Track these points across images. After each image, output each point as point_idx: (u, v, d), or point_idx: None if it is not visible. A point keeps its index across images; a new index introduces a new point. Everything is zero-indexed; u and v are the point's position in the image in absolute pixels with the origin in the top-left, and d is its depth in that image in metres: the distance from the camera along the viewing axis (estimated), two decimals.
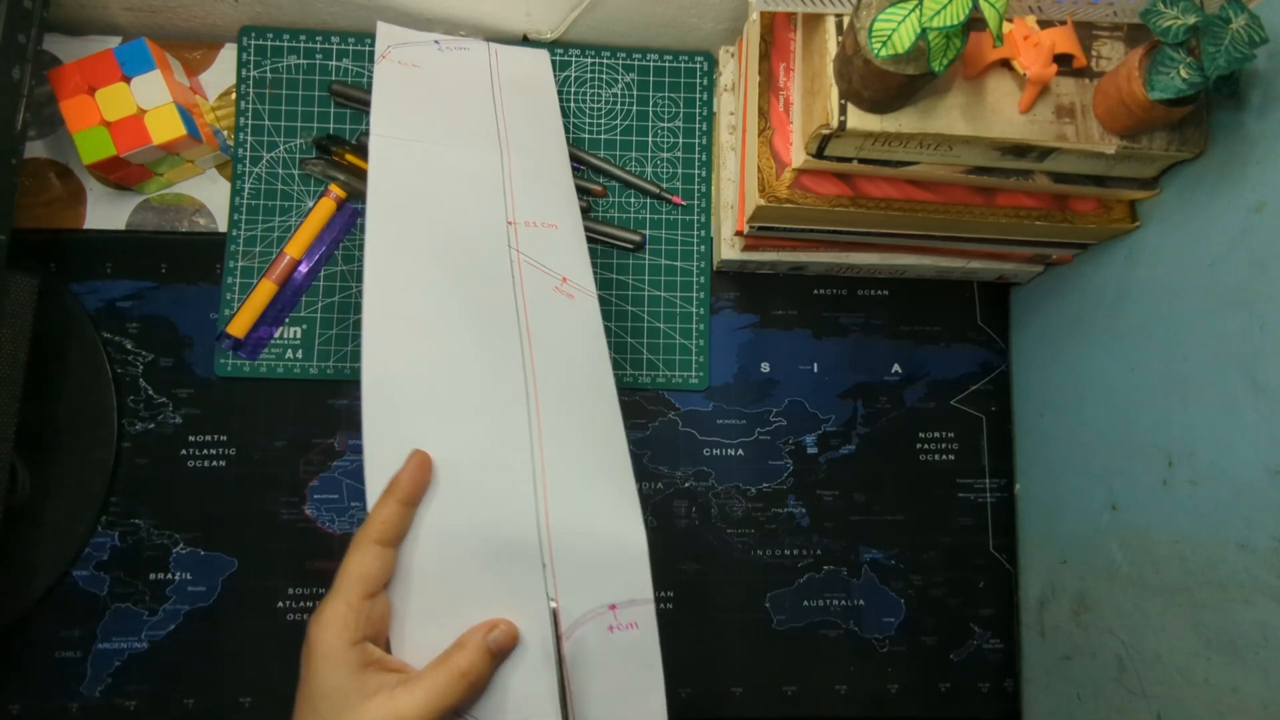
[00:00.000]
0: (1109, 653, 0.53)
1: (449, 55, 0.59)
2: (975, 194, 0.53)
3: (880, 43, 0.41)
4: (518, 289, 0.50)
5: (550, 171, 0.57)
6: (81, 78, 0.56)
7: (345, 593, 0.38)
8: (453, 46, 0.60)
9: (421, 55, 0.59)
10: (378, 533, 0.39)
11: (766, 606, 0.62)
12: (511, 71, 0.60)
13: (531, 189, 0.55)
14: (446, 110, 0.56)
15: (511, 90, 0.59)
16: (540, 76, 0.61)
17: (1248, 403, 0.43)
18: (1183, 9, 0.41)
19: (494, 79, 0.59)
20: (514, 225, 0.53)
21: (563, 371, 0.48)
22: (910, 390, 0.66)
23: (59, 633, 0.58)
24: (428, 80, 0.57)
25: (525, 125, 0.58)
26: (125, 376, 0.61)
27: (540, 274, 0.51)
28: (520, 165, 0.55)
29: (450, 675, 0.38)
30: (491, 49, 0.61)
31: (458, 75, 0.59)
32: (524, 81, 0.60)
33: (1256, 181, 0.44)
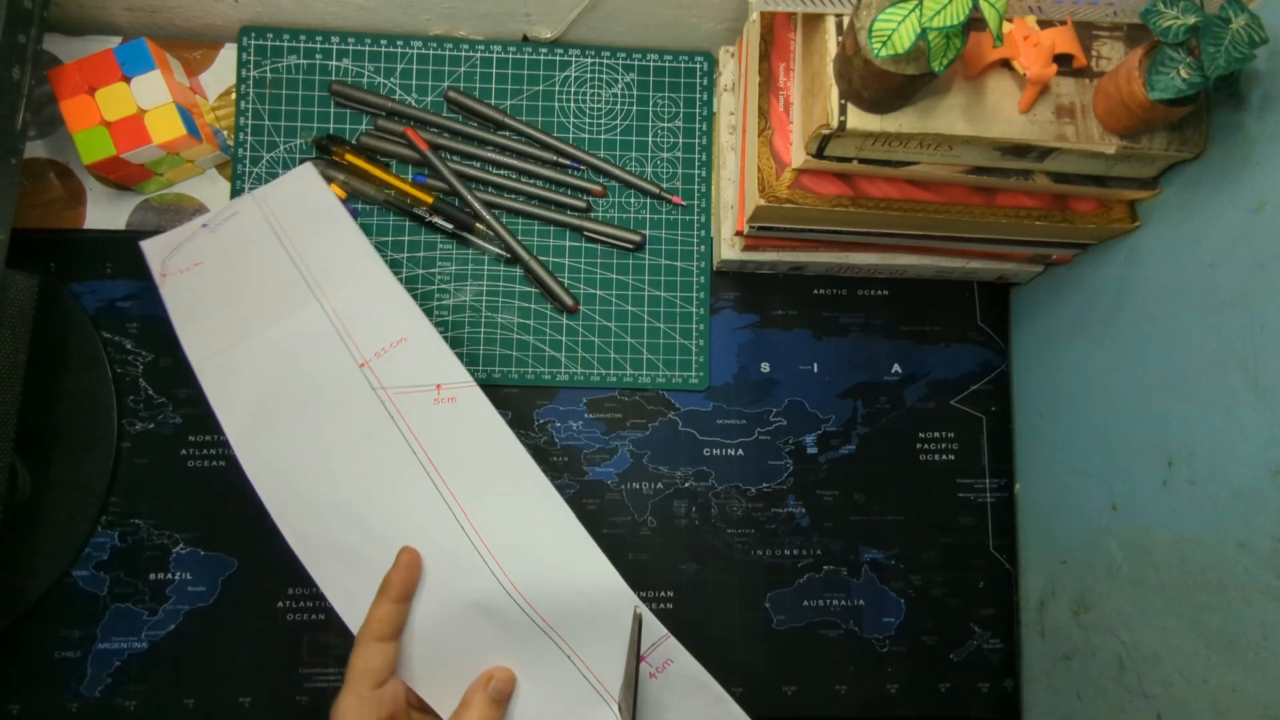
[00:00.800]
0: (1109, 653, 0.53)
1: (222, 231, 0.56)
2: (975, 194, 0.53)
3: (880, 43, 0.41)
4: (401, 425, 0.50)
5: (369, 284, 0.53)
6: (81, 78, 0.56)
7: (355, 686, 0.43)
8: (221, 220, 0.56)
9: (196, 250, 0.55)
10: (376, 631, 0.44)
11: (766, 606, 0.62)
12: (285, 206, 0.56)
13: (363, 316, 0.52)
14: (247, 292, 0.53)
15: (295, 226, 0.55)
16: (310, 190, 0.57)
17: (1248, 403, 0.43)
18: (1183, 9, 0.41)
19: (273, 226, 0.55)
20: (366, 365, 0.51)
21: (479, 477, 0.49)
22: (910, 390, 0.66)
23: (59, 633, 0.58)
24: (215, 272, 0.54)
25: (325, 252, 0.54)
26: (125, 376, 0.61)
27: (414, 396, 0.50)
28: (341, 300, 0.52)
29: None
30: (258, 199, 0.57)
31: (239, 245, 0.55)
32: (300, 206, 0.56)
33: (1256, 181, 0.44)
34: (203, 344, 0.52)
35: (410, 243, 0.63)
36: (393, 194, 0.62)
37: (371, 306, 0.52)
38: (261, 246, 0.55)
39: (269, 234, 0.55)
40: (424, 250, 0.63)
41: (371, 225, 0.63)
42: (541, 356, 0.63)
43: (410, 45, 0.64)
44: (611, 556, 0.62)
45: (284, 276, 0.53)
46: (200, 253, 0.55)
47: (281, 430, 0.50)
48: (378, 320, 0.52)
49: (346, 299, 0.52)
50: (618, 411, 0.64)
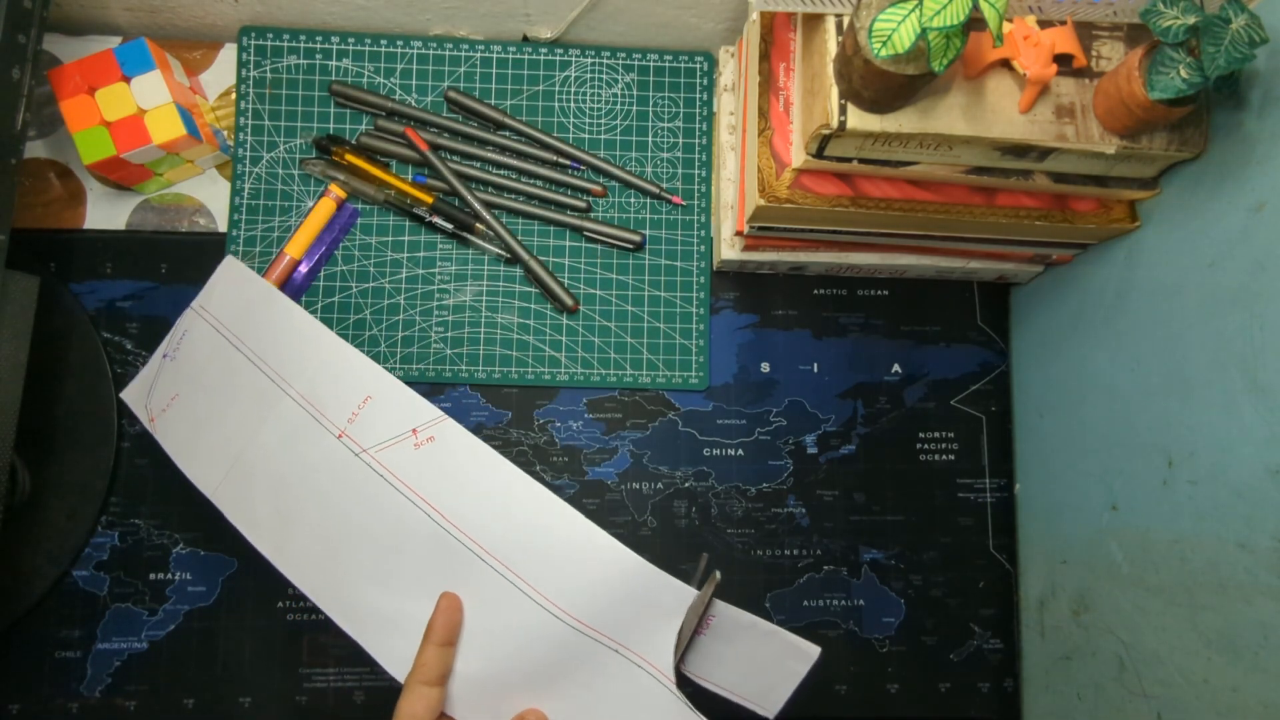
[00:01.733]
0: (1109, 653, 0.53)
1: (180, 356, 0.57)
2: (975, 194, 0.53)
3: (880, 43, 0.41)
4: (393, 481, 0.50)
5: (322, 357, 0.53)
6: (81, 78, 0.56)
7: None
8: (176, 345, 0.57)
9: (167, 385, 0.56)
10: (421, 675, 0.44)
11: (766, 606, 0.62)
12: (224, 307, 0.57)
13: (326, 391, 0.53)
14: (226, 408, 0.54)
15: (240, 325, 0.56)
16: (239, 282, 0.57)
17: (1248, 403, 0.43)
18: (1183, 9, 0.41)
19: (222, 333, 0.56)
20: (344, 435, 0.51)
21: (479, 506, 0.49)
22: (910, 390, 0.66)
23: (59, 633, 0.58)
24: (191, 401, 0.55)
25: (274, 340, 0.55)
26: (125, 376, 0.61)
27: (395, 448, 0.51)
28: (303, 383, 0.53)
29: None
30: (198, 310, 0.57)
31: (200, 364, 0.56)
32: (236, 302, 0.56)
33: (1256, 181, 0.44)
34: (208, 475, 0.54)
35: (410, 243, 0.63)
36: (393, 194, 0.62)
37: (330, 377, 0.53)
38: (220, 358, 0.55)
39: (222, 343, 0.56)
40: (424, 250, 0.63)
41: (372, 225, 0.63)
42: (541, 356, 0.63)
43: (410, 45, 0.64)
44: None
45: (250, 381, 0.54)
46: (172, 385, 0.56)
47: (300, 527, 0.51)
48: (339, 388, 0.52)
49: (308, 380, 0.53)
50: (618, 411, 0.64)
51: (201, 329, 0.57)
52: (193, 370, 0.56)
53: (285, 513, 0.52)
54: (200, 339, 0.56)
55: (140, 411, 0.57)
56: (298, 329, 0.54)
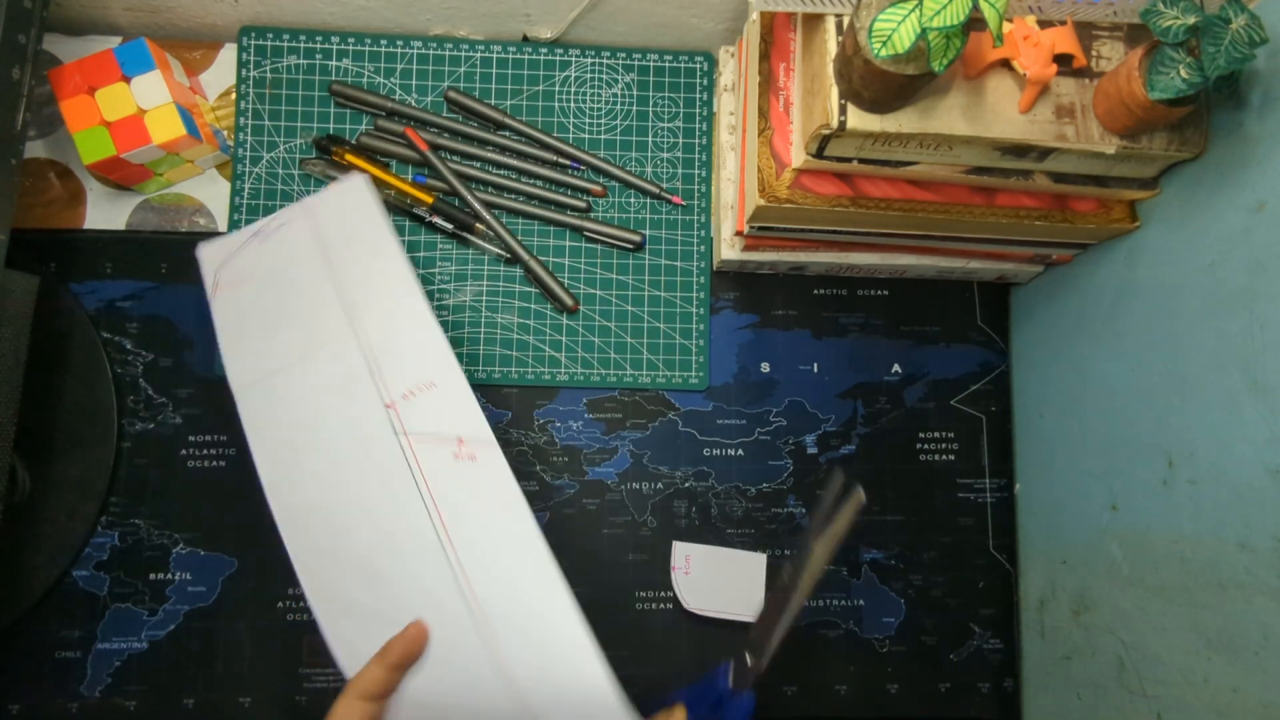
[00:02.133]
0: (1109, 653, 0.53)
1: (271, 242, 0.55)
2: (975, 194, 0.53)
3: (880, 43, 0.41)
4: (418, 477, 0.49)
5: (405, 319, 0.52)
6: (81, 78, 0.56)
7: None
8: (272, 230, 0.55)
9: (246, 263, 0.54)
10: (362, 689, 0.44)
11: None
12: (334, 220, 0.55)
13: (395, 353, 0.51)
14: (288, 316, 0.53)
15: (340, 244, 0.54)
16: (360, 205, 0.55)
17: (1248, 403, 0.43)
18: (1183, 9, 0.41)
19: (320, 242, 0.54)
20: (393, 407, 0.50)
21: (489, 554, 0.48)
22: (910, 390, 0.66)
23: (59, 633, 0.58)
24: (260, 292, 0.54)
25: (366, 278, 0.53)
26: (125, 376, 0.61)
27: (435, 447, 0.49)
28: (376, 333, 0.52)
29: None
30: (308, 208, 0.55)
31: (284, 260, 0.54)
32: (348, 222, 0.55)
33: (1256, 181, 0.44)
34: (243, 370, 0.52)
35: (410, 243, 0.63)
36: (393, 194, 0.62)
37: (405, 343, 0.51)
38: (305, 265, 0.54)
39: (314, 251, 0.54)
40: (424, 250, 0.63)
41: None
42: (541, 356, 0.63)
43: (410, 45, 0.64)
44: (612, 556, 0.62)
45: (323, 301, 0.53)
46: (249, 267, 0.54)
47: (306, 472, 0.50)
48: (409, 359, 0.51)
49: (381, 332, 0.51)
50: (618, 411, 0.64)
51: (302, 228, 0.55)
52: (275, 263, 0.54)
53: (299, 449, 0.50)
54: (296, 237, 0.55)
55: (208, 274, 0.54)
56: (395, 281, 0.53)
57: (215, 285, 0.54)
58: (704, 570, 0.61)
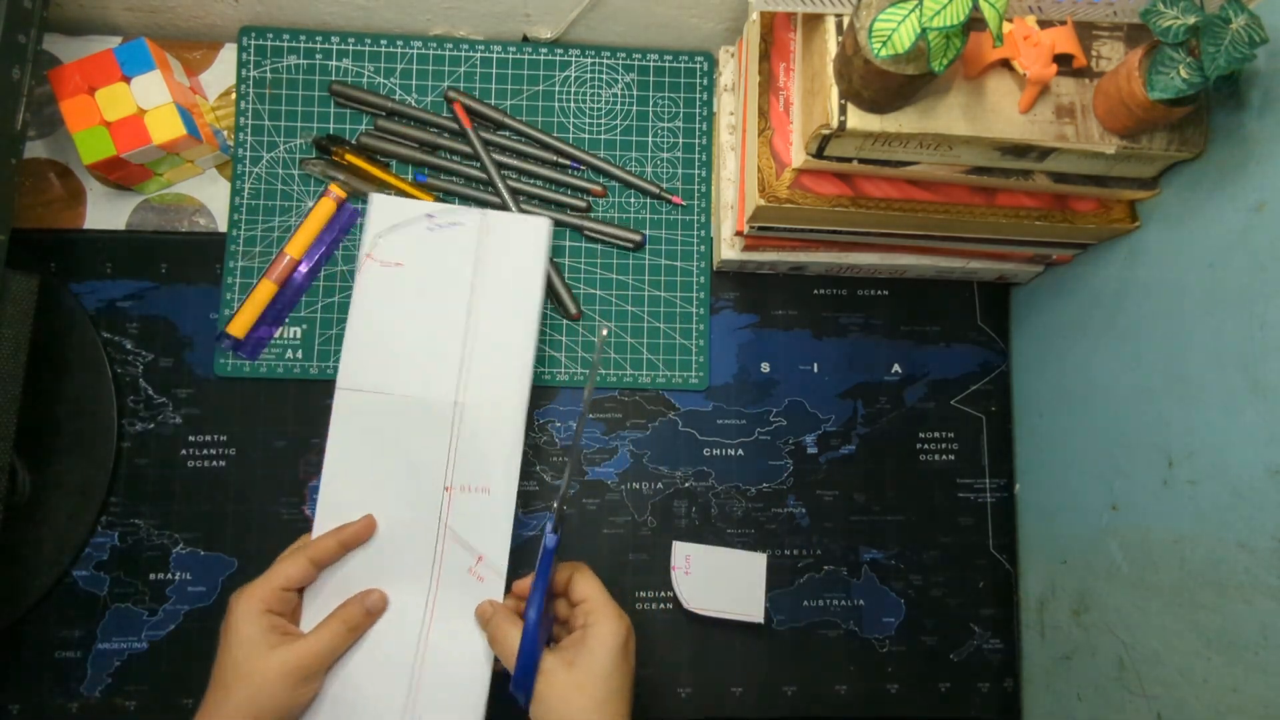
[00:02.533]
0: (1109, 653, 0.53)
1: (438, 235, 0.55)
2: (975, 194, 0.53)
3: (880, 43, 0.41)
4: (436, 564, 0.52)
5: (503, 399, 0.54)
6: (81, 78, 0.56)
7: (272, 581, 0.49)
8: (444, 223, 0.55)
9: (408, 244, 0.55)
10: (314, 555, 0.50)
11: (766, 606, 0.62)
12: (502, 244, 0.55)
13: (476, 438, 0.53)
14: (418, 331, 0.54)
15: (494, 268, 0.55)
16: (533, 245, 0.56)
17: (1248, 403, 0.43)
18: (1183, 9, 0.41)
19: (479, 259, 0.55)
20: (450, 491, 0.53)
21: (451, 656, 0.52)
22: (910, 390, 0.66)
23: (59, 633, 0.58)
24: (405, 282, 0.54)
25: (499, 313, 0.55)
26: (125, 376, 0.61)
27: (460, 551, 0.53)
28: (473, 405, 0.53)
29: (336, 625, 0.49)
30: (483, 225, 0.56)
31: (440, 259, 0.55)
32: (512, 252, 0.56)
33: (1256, 181, 0.44)
34: (357, 374, 0.53)
35: None
36: (393, 194, 0.62)
37: (488, 432, 0.53)
38: (455, 275, 0.55)
39: (469, 264, 0.55)
40: None
41: None
42: (541, 357, 0.63)
43: (410, 45, 0.64)
44: (612, 556, 0.62)
45: (452, 326, 0.54)
46: (409, 250, 0.55)
47: (360, 488, 0.53)
48: (484, 454, 0.53)
49: (477, 405, 0.54)
50: (618, 411, 0.64)
51: (470, 236, 0.55)
52: (432, 257, 0.55)
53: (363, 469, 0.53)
54: (462, 243, 0.55)
55: (369, 233, 0.54)
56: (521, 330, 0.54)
57: (370, 250, 0.54)
58: (704, 570, 0.62)
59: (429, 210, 0.55)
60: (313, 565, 0.50)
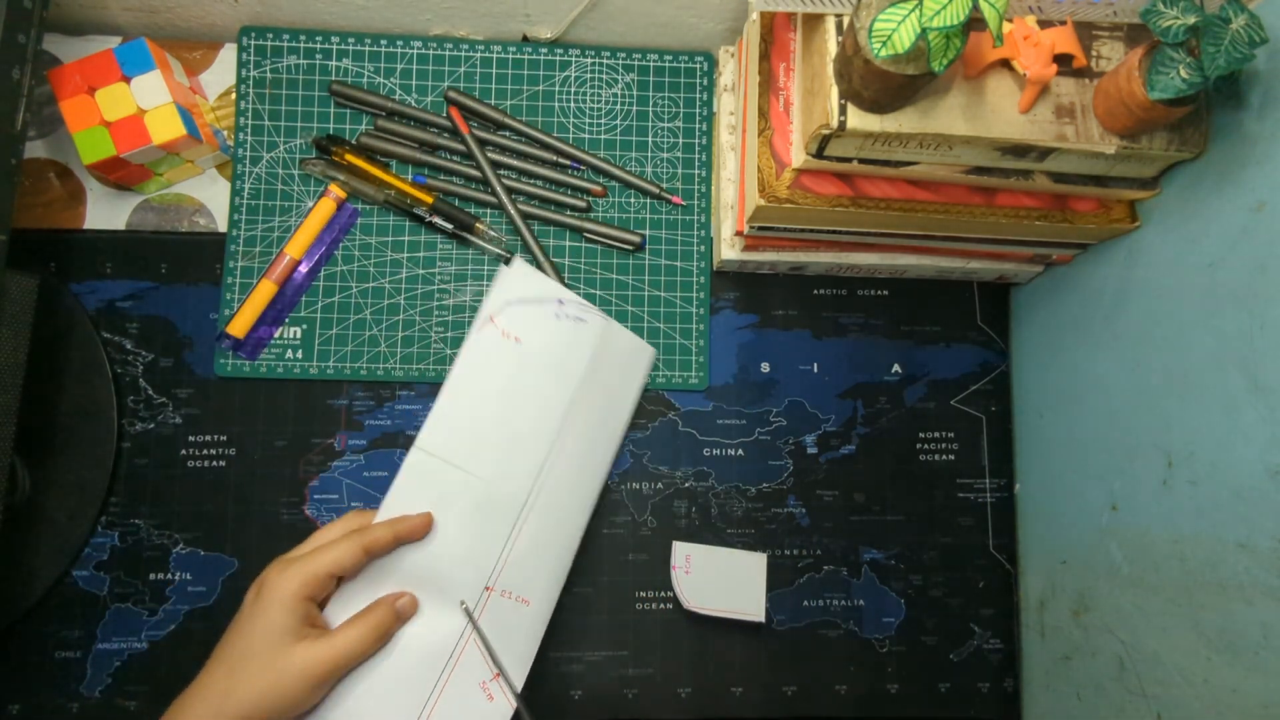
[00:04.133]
0: (1109, 653, 0.53)
1: (561, 325, 0.55)
2: (975, 194, 0.53)
3: (880, 43, 0.41)
4: (449, 665, 0.50)
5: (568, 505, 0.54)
6: (81, 78, 0.56)
7: (317, 565, 0.46)
8: (572, 312, 0.55)
9: (532, 322, 0.54)
10: (368, 543, 0.48)
11: (766, 607, 0.62)
12: (612, 356, 0.56)
13: (536, 546, 0.52)
14: (515, 411, 0.53)
15: (600, 380, 0.55)
16: (638, 364, 0.57)
17: (1248, 403, 0.43)
18: (1183, 9, 0.41)
19: (593, 361, 0.55)
20: (490, 592, 0.51)
21: None
22: (910, 390, 0.66)
23: (59, 633, 0.58)
24: (519, 362, 0.54)
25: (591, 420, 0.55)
26: (125, 376, 0.61)
27: (477, 662, 0.50)
28: (540, 510, 0.53)
29: (364, 628, 0.47)
30: (606, 330, 0.56)
31: (557, 353, 0.54)
32: (617, 371, 0.56)
33: (1256, 181, 0.44)
34: (439, 439, 0.52)
35: (410, 243, 0.63)
36: (393, 194, 0.62)
37: (546, 543, 0.52)
38: (565, 375, 0.54)
39: (580, 370, 0.54)
40: (424, 250, 0.63)
41: (372, 225, 0.63)
42: None
43: (410, 45, 0.64)
44: (612, 556, 0.62)
45: (545, 431, 0.53)
46: (531, 328, 0.54)
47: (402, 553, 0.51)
48: (536, 564, 0.52)
49: (544, 512, 0.53)
50: None
51: (590, 336, 0.55)
52: (551, 339, 0.54)
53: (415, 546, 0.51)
54: (579, 339, 0.55)
55: (495, 298, 0.54)
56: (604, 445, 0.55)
57: (492, 317, 0.54)
58: (704, 570, 0.62)
59: (561, 296, 0.55)
60: (366, 554, 0.48)
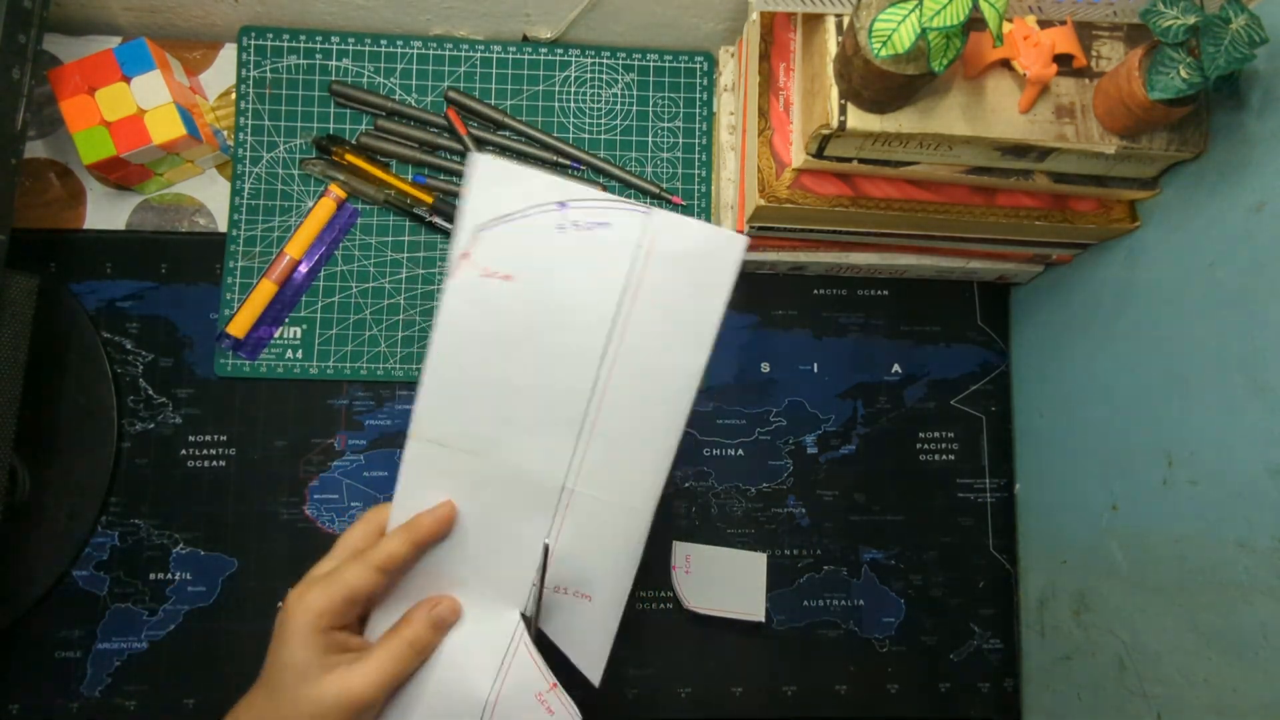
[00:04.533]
0: (1109, 653, 0.53)
1: (570, 240, 0.38)
2: (975, 194, 0.53)
3: (880, 43, 0.41)
4: (498, 679, 0.42)
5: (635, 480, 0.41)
6: (81, 78, 0.56)
7: (332, 591, 0.41)
8: (588, 219, 0.38)
9: (526, 246, 0.38)
10: (383, 560, 0.42)
11: (767, 607, 0.62)
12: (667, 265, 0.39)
13: (588, 533, 0.41)
14: (526, 370, 0.39)
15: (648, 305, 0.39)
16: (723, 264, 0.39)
17: (1248, 403, 0.43)
18: (1183, 9, 0.41)
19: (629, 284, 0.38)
20: (537, 588, 0.42)
21: None
22: (910, 390, 0.66)
23: (59, 633, 0.58)
24: (517, 306, 0.39)
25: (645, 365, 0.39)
26: (125, 376, 0.61)
27: (531, 672, 0.41)
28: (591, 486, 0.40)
29: (400, 646, 0.41)
30: (651, 223, 0.38)
31: (571, 282, 0.39)
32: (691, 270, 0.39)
33: (1256, 181, 0.44)
34: (439, 418, 0.40)
35: (410, 243, 0.63)
36: (393, 194, 0.62)
37: (602, 529, 0.41)
38: (589, 310, 0.39)
39: (612, 300, 0.38)
40: (424, 250, 0.63)
41: (372, 225, 0.63)
42: None
43: (410, 45, 0.64)
44: None
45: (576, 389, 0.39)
46: (526, 254, 0.39)
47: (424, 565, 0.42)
48: (593, 552, 0.42)
49: (593, 495, 0.41)
50: None
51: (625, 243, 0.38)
52: (554, 271, 0.38)
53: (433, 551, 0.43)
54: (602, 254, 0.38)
55: (465, 220, 0.38)
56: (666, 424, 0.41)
57: (469, 247, 0.38)
58: (704, 570, 0.62)
59: (561, 196, 0.38)
60: (382, 574, 0.41)
